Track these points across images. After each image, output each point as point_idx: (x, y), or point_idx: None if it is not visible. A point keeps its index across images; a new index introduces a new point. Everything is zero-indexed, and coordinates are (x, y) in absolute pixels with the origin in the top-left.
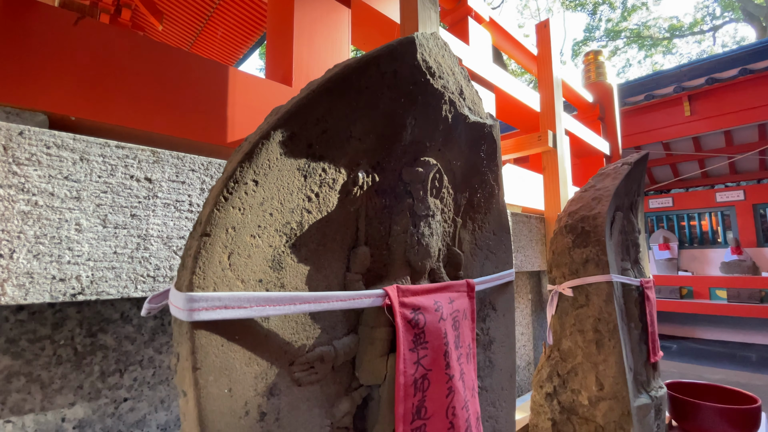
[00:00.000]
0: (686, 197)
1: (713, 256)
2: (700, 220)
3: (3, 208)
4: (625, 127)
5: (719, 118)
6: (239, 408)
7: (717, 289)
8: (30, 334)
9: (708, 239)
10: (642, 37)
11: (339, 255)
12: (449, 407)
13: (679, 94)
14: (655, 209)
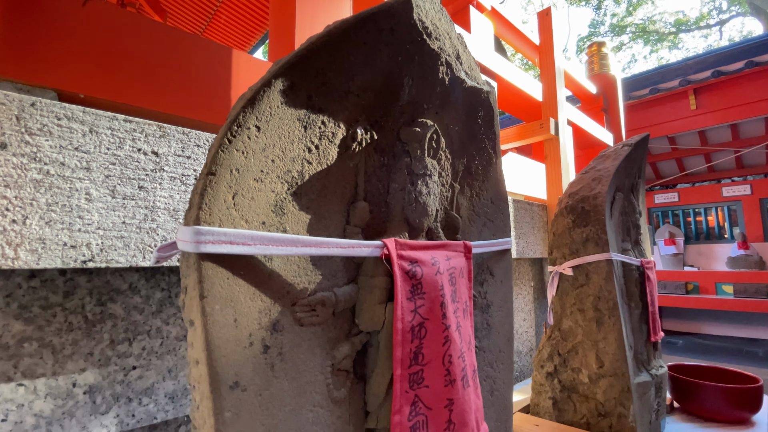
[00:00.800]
0: (692, 192)
1: (720, 251)
2: (706, 215)
3: (16, 176)
4: (630, 122)
5: (725, 112)
6: (244, 338)
7: (723, 284)
8: (42, 301)
9: (714, 234)
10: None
11: (339, 208)
12: (445, 355)
13: (684, 87)
14: (661, 204)
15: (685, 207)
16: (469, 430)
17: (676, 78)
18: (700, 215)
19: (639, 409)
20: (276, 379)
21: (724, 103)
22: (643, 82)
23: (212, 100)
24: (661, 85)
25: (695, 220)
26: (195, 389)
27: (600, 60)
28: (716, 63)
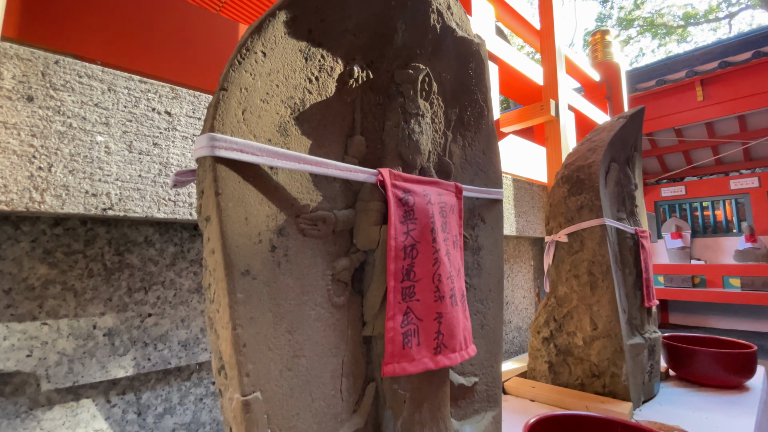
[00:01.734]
0: (699, 185)
1: (727, 245)
2: (713, 208)
3: (42, 127)
4: None
5: (733, 103)
6: (254, 235)
7: (730, 278)
8: (65, 248)
9: (722, 227)
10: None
11: (337, 139)
12: (435, 274)
13: (691, 78)
14: (668, 198)
15: (692, 200)
16: (456, 342)
17: (683, 69)
18: (707, 208)
19: (632, 369)
20: (282, 276)
21: (731, 94)
22: (650, 74)
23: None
24: (667, 77)
25: (702, 213)
26: (211, 275)
27: (603, 48)
28: (723, 53)
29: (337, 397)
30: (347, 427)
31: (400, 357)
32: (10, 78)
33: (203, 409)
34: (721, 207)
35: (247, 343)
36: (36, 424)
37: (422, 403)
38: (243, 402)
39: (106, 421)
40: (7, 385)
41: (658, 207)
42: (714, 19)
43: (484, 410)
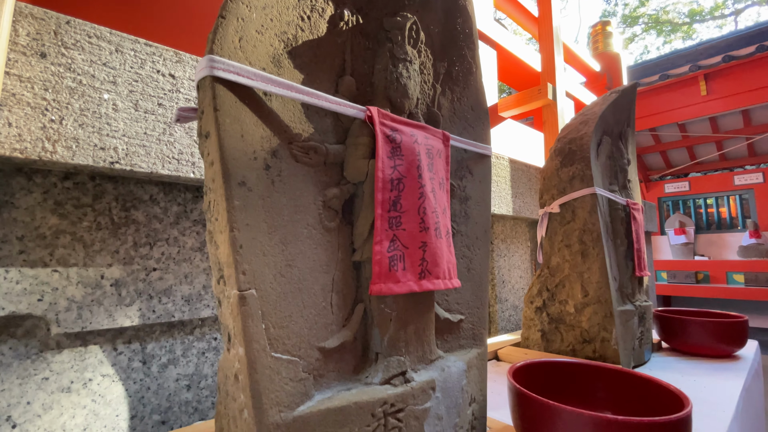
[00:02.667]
0: (704, 181)
1: (731, 240)
2: (717, 204)
3: (54, 82)
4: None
5: (736, 97)
6: (250, 152)
7: (734, 273)
8: (74, 201)
9: (726, 223)
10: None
11: (328, 77)
12: (421, 207)
13: (695, 73)
14: (672, 194)
15: (696, 196)
16: (440, 270)
17: (686, 64)
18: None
19: (622, 333)
20: (276, 193)
21: (735, 89)
22: (653, 69)
23: None
24: (670, 72)
25: (706, 209)
26: (211, 191)
27: (604, 39)
28: (727, 48)
29: (327, 309)
30: (337, 338)
31: (386, 278)
32: (24, 35)
33: (205, 363)
34: (725, 203)
35: (243, 245)
36: (45, 366)
37: (408, 324)
38: (239, 296)
39: (113, 367)
40: (18, 327)
41: (662, 203)
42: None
43: (469, 347)
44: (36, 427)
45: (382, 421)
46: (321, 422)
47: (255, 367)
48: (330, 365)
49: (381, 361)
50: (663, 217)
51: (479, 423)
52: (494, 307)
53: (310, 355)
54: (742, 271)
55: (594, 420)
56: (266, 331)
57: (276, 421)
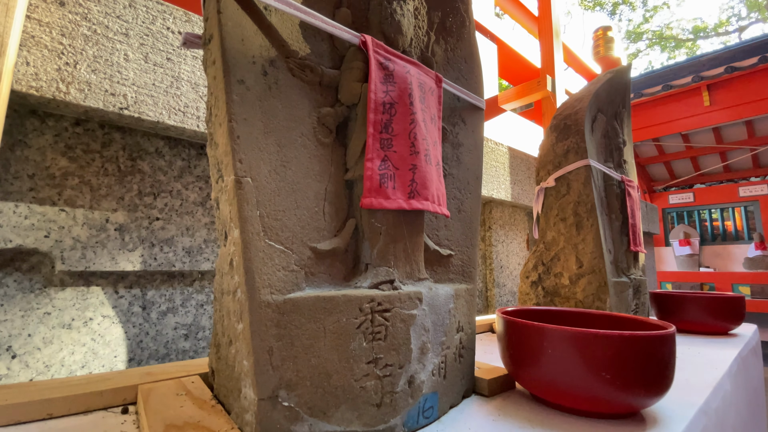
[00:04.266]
0: (708, 192)
1: (736, 252)
2: (722, 215)
3: (71, 29)
4: (642, 119)
5: (739, 108)
6: (249, 56)
7: (740, 285)
8: (84, 146)
9: (731, 235)
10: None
11: (326, 7)
12: (411, 132)
13: (697, 83)
14: (676, 205)
15: (701, 207)
16: (429, 193)
17: (689, 75)
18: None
19: (616, 303)
20: (272, 98)
21: (738, 99)
22: (656, 80)
23: None
24: (673, 82)
25: (711, 221)
26: (211, 91)
27: (605, 43)
28: (729, 59)
29: (320, 214)
30: (329, 242)
31: (376, 193)
32: None
33: (203, 315)
34: (731, 215)
35: (240, 136)
36: (48, 301)
37: (397, 240)
38: (236, 180)
39: (113, 309)
40: (24, 262)
41: (667, 214)
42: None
43: (459, 282)
44: (35, 360)
45: (369, 316)
46: (310, 307)
47: (249, 248)
48: (321, 267)
49: (370, 270)
50: (667, 228)
51: (467, 353)
52: (492, 291)
53: (302, 252)
54: (748, 283)
55: (578, 335)
56: (261, 219)
57: (267, 300)
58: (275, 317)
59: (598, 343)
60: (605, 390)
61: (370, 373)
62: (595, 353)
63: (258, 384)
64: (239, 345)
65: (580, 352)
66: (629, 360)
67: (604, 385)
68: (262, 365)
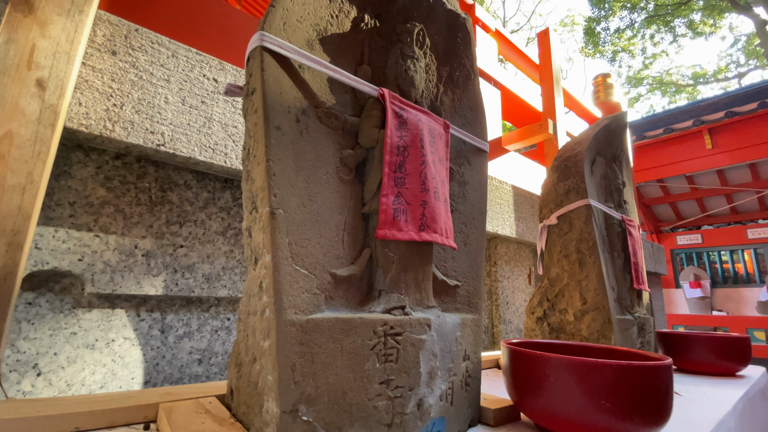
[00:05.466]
0: (716, 234)
1: (748, 295)
2: (732, 257)
3: (120, 75)
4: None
5: (742, 151)
6: (285, 106)
7: (755, 330)
8: (121, 177)
9: (742, 278)
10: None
11: (350, 64)
12: (422, 172)
13: (699, 127)
14: (684, 246)
15: (709, 249)
16: (438, 227)
17: (690, 119)
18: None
19: (620, 340)
20: (303, 142)
21: (739, 143)
22: (657, 123)
23: None
24: (674, 126)
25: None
26: (252, 135)
27: (605, 89)
28: (729, 104)
29: (339, 243)
30: (347, 269)
31: (390, 225)
32: (101, 36)
33: (217, 340)
34: (740, 257)
35: (275, 173)
36: (75, 322)
37: (407, 269)
38: (270, 211)
39: (134, 332)
40: (57, 283)
41: (675, 255)
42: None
43: (465, 312)
44: (58, 378)
45: (382, 339)
46: (330, 328)
47: (279, 271)
48: (339, 292)
49: (383, 296)
50: (676, 269)
51: (473, 381)
52: (498, 327)
53: (323, 277)
54: (764, 327)
55: (578, 363)
56: (289, 246)
57: (292, 320)
58: (298, 335)
59: (598, 372)
60: (605, 418)
61: (382, 393)
62: (595, 382)
63: (281, 397)
64: (264, 361)
65: (581, 381)
66: (627, 389)
67: (604, 413)
68: (285, 380)
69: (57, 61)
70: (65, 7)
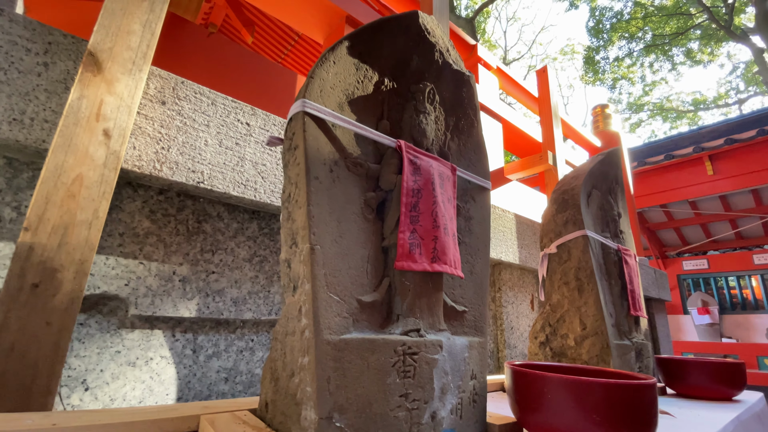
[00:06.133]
0: (722, 259)
1: (757, 322)
2: (739, 283)
3: (168, 122)
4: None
5: (743, 177)
6: (322, 160)
7: (766, 358)
8: (163, 210)
9: (750, 303)
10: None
11: (372, 120)
12: (433, 211)
13: (699, 153)
14: (691, 271)
15: (716, 275)
16: (447, 259)
17: (690, 145)
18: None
19: (619, 365)
20: (335, 188)
21: (740, 169)
22: (657, 150)
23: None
24: (675, 152)
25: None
26: (293, 182)
27: (604, 119)
28: (728, 132)
29: (364, 273)
30: (370, 296)
31: (407, 258)
32: (153, 88)
33: (242, 360)
34: (748, 283)
35: (314, 215)
36: (120, 341)
37: (422, 296)
38: (310, 248)
39: (170, 351)
40: (105, 306)
41: (682, 281)
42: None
43: (472, 335)
44: (103, 393)
45: (401, 357)
46: (358, 347)
47: (317, 298)
48: (364, 315)
49: (401, 320)
50: (683, 294)
51: (480, 399)
52: (503, 352)
53: (351, 303)
54: None
55: (572, 381)
56: (325, 277)
57: (328, 339)
58: (333, 353)
59: (589, 390)
60: (596, 431)
61: (402, 405)
62: (586, 398)
63: (318, 406)
64: (303, 375)
65: (574, 397)
66: (615, 405)
67: (595, 426)
68: (322, 391)
69: (120, 113)
70: (128, 66)
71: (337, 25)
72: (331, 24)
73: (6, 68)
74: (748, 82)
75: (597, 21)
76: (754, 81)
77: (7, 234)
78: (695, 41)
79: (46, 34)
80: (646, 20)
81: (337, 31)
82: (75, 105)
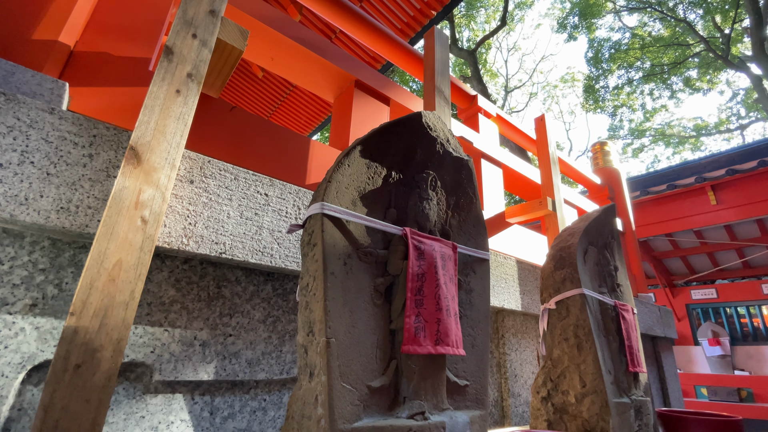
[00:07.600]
0: (731, 288)
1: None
2: (749, 312)
3: (195, 199)
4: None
5: (747, 207)
6: (337, 255)
7: None
8: (187, 278)
9: (761, 334)
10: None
11: (380, 209)
12: (436, 294)
13: (701, 184)
14: (699, 300)
15: (726, 304)
16: (450, 340)
17: (692, 176)
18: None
19: (618, 424)
20: (348, 279)
21: (744, 199)
22: (660, 179)
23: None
24: (677, 182)
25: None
26: (311, 276)
27: (603, 156)
28: (729, 162)
29: (373, 359)
30: (379, 381)
31: (413, 342)
32: (183, 169)
33: (255, 420)
34: (758, 312)
35: (330, 309)
36: (143, 406)
37: (427, 378)
38: (326, 341)
39: (189, 414)
40: (133, 372)
41: (691, 310)
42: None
43: (473, 408)
44: None
45: None
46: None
47: (332, 390)
48: (373, 400)
49: (407, 403)
50: (693, 324)
51: None
52: (507, 401)
53: (362, 390)
54: None
55: None
56: (339, 368)
57: (342, 428)
58: None
59: None
60: None
61: None
62: None
63: None
64: None
65: None
66: None
67: None
68: None
69: (156, 200)
70: (163, 156)
71: (347, 88)
72: (341, 87)
73: (56, 162)
74: (749, 108)
75: (596, 51)
76: (754, 107)
77: (48, 310)
78: (694, 69)
79: (91, 127)
80: (644, 50)
81: (346, 93)
82: (118, 196)
